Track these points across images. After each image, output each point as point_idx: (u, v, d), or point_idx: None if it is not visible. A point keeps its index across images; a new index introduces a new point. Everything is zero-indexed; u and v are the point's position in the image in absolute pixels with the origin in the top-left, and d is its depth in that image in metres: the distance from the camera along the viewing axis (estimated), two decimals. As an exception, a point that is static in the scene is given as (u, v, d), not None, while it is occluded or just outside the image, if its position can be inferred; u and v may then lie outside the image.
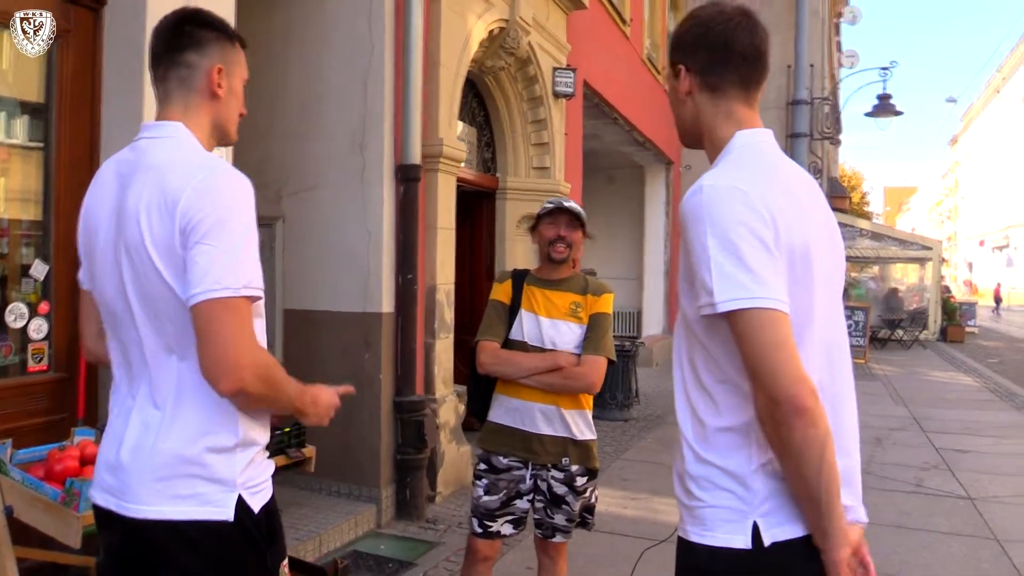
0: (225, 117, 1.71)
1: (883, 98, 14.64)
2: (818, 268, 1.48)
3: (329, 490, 5.06)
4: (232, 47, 1.72)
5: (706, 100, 1.61)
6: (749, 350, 1.35)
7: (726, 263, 1.36)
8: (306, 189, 5.23)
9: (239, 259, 1.48)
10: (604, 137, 11.77)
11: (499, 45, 6.49)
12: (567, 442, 2.98)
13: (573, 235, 3.03)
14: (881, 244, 19.76)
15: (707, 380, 1.49)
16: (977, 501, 5.79)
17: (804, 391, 1.32)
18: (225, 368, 1.45)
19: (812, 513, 1.40)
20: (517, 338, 3.01)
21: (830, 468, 1.36)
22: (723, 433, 1.46)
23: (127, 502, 1.54)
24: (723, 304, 1.36)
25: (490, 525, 3.00)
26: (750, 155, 1.54)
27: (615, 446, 7.32)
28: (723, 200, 1.41)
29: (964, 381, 12.81)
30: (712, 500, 1.46)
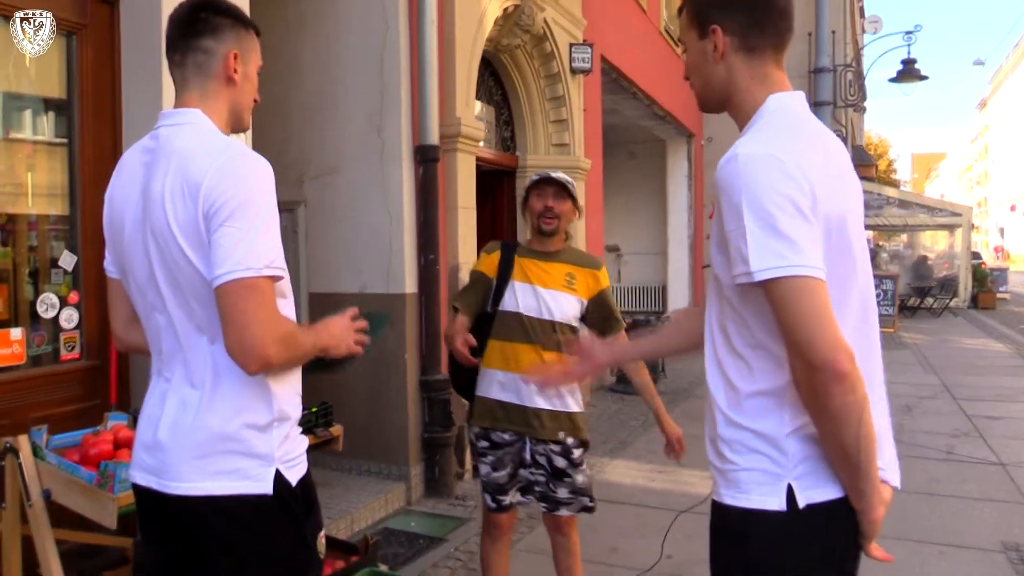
0: (241, 103, 1.74)
1: (907, 63, 14.36)
2: (854, 235, 1.47)
3: (359, 470, 5.14)
4: (247, 34, 1.75)
5: (741, 62, 1.54)
6: (786, 318, 1.34)
7: (762, 232, 1.34)
8: (326, 173, 5.27)
9: (260, 240, 1.51)
10: (624, 112, 11.69)
11: (514, 23, 6.47)
12: (562, 415, 2.97)
13: (562, 206, 2.99)
14: (909, 212, 19.49)
15: (740, 345, 1.49)
16: (1009, 467, 5.75)
17: (842, 357, 1.31)
18: (251, 350, 1.48)
19: (850, 476, 1.41)
20: (511, 309, 2.96)
21: (868, 431, 1.37)
22: (756, 397, 1.47)
23: (168, 480, 1.59)
24: (760, 273, 1.34)
25: (503, 499, 3.03)
26: (786, 120, 1.49)
27: (642, 420, 7.33)
28: (759, 168, 1.38)
29: (995, 348, 12.65)
30: (746, 463, 1.47)
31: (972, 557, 4.11)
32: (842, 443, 1.37)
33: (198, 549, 1.60)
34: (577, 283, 3.00)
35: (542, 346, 2.92)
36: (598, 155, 8.76)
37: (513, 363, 2.94)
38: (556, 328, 2.95)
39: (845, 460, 1.40)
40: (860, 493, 1.42)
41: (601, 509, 3.19)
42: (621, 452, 6.19)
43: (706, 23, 1.56)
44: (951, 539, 4.32)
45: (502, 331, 2.98)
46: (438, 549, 4.27)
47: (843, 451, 1.38)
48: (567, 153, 7.52)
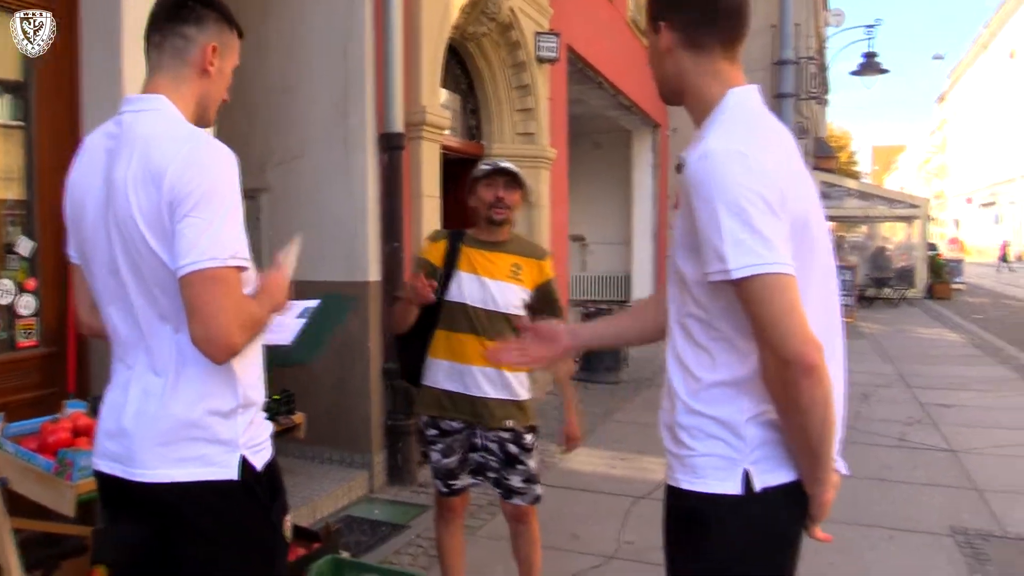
0: (211, 96, 1.75)
1: (869, 56, 14.61)
2: (816, 230, 1.51)
3: (321, 457, 5.13)
4: (230, 32, 1.77)
5: (688, 58, 1.58)
6: (760, 314, 1.37)
7: (738, 229, 1.37)
8: (290, 160, 5.23)
9: (225, 230, 1.51)
10: (589, 102, 11.72)
11: (480, 10, 6.46)
12: (510, 404, 2.99)
13: (512, 197, 2.98)
14: (869, 203, 19.83)
15: (703, 338, 1.52)
16: (959, 453, 5.91)
17: (812, 350, 1.36)
18: (217, 340, 1.49)
19: (809, 464, 1.47)
20: (456, 299, 2.96)
21: (832, 423, 1.43)
22: (716, 387, 1.51)
23: (134, 467, 1.59)
24: (737, 271, 1.36)
25: (454, 483, 3.05)
26: (746, 116, 1.53)
27: (604, 408, 7.42)
28: (731, 165, 1.40)
29: (950, 337, 12.96)
30: (704, 449, 1.51)
31: (921, 541, 4.23)
32: (808, 434, 1.42)
33: (166, 536, 1.61)
34: (523, 273, 3.02)
35: (487, 337, 2.93)
36: (563, 144, 8.79)
37: (459, 353, 2.96)
38: (503, 319, 2.97)
39: (808, 450, 1.45)
40: (816, 480, 1.48)
41: (562, 496, 3.24)
42: (583, 440, 6.25)
43: (656, 19, 1.61)
44: (901, 523, 4.44)
45: (448, 321, 2.98)
46: (400, 536, 4.29)
47: (808, 442, 1.44)
48: (533, 142, 7.54)
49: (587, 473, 5.37)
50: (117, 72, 3.20)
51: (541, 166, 7.58)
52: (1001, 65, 48.13)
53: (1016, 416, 7.23)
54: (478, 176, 3.02)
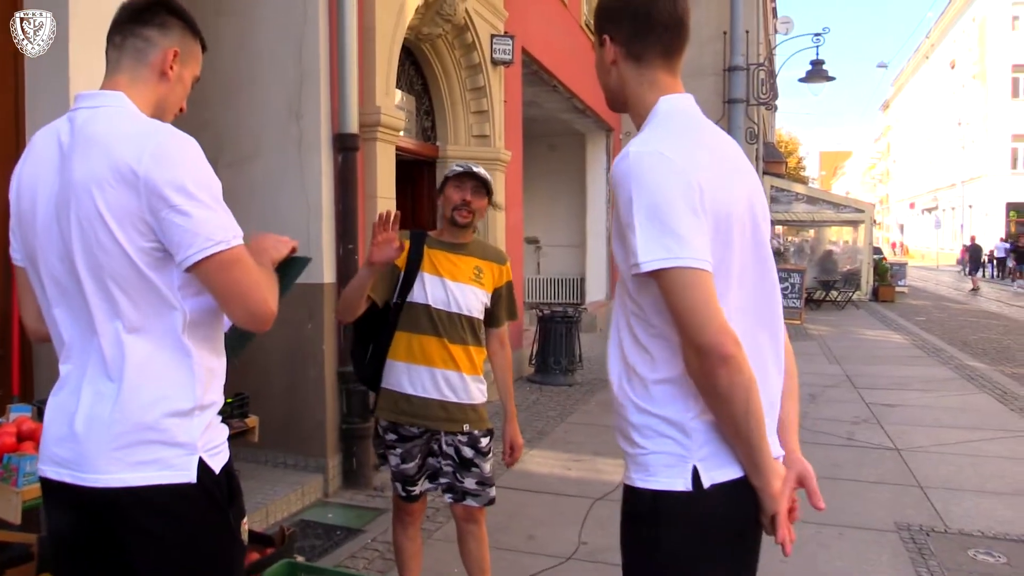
0: (168, 100, 1.72)
1: (816, 64, 14.90)
2: (740, 229, 1.56)
3: (275, 461, 5.06)
4: (193, 41, 1.75)
5: (630, 68, 1.66)
6: (675, 306, 1.44)
7: (650, 225, 1.44)
8: (243, 160, 5.15)
9: (218, 214, 1.53)
10: (544, 104, 11.79)
11: (436, 12, 6.45)
12: (467, 408, 3.00)
13: (479, 202, 3.00)
14: (816, 208, 20.27)
15: (641, 336, 1.57)
16: (903, 452, 6.07)
17: (727, 340, 1.42)
18: (259, 314, 1.57)
19: (744, 451, 1.51)
20: (419, 300, 2.94)
21: (756, 409, 1.47)
22: (660, 385, 1.54)
23: (84, 472, 1.54)
24: (647, 264, 1.44)
25: (412, 489, 3.04)
26: (674, 121, 1.60)
27: (559, 410, 7.45)
28: (649, 165, 1.47)
29: (894, 339, 13.29)
30: (653, 447, 1.54)
31: (869, 537, 4.34)
32: (733, 420, 1.47)
33: (119, 543, 1.57)
34: (484, 276, 3.04)
35: (449, 339, 2.94)
36: (518, 147, 8.83)
37: (420, 355, 2.94)
38: (465, 321, 2.98)
39: (737, 436, 1.49)
40: (756, 468, 1.51)
41: (518, 498, 3.25)
42: (538, 442, 6.28)
43: (601, 33, 1.70)
44: (850, 520, 4.54)
45: (409, 323, 2.96)
46: (355, 540, 4.25)
47: (735, 428, 1.48)
48: (487, 144, 7.55)
49: (543, 475, 5.39)
50: (63, 67, 3.12)
51: (496, 168, 7.59)
52: (942, 74, 49.56)
53: (956, 415, 7.45)
54: (449, 176, 3.03)
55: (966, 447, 6.25)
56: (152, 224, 1.51)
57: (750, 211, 1.60)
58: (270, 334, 5.27)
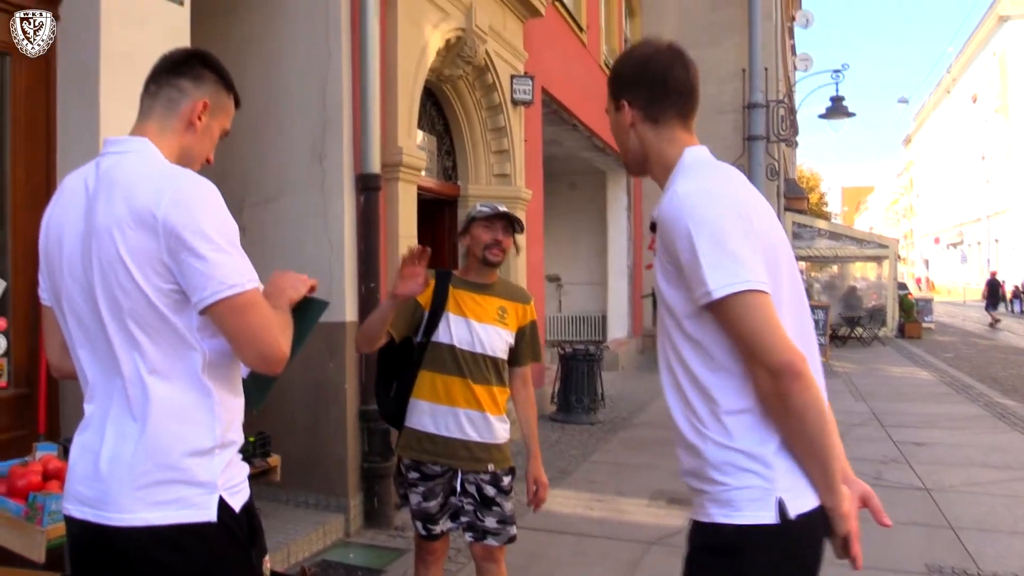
0: (194, 150, 1.76)
1: (836, 100, 14.95)
2: (783, 255, 1.64)
3: (296, 501, 5.06)
4: (227, 96, 1.82)
5: (648, 130, 1.76)
6: (744, 331, 1.49)
7: (713, 255, 1.50)
8: (267, 200, 5.23)
9: (232, 258, 1.56)
10: (564, 143, 11.88)
11: (456, 54, 6.55)
12: (491, 447, 2.99)
13: (508, 240, 3.03)
14: (839, 243, 20.15)
15: (704, 372, 1.59)
16: (933, 491, 5.94)
17: (797, 358, 1.47)
18: (270, 358, 1.58)
19: (818, 470, 1.54)
20: (444, 341, 2.95)
21: (830, 426, 1.52)
22: (734, 416, 1.56)
23: (108, 512, 1.56)
24: (718, 291, 1.49)
25: (433, 528, 3.01)
26: (705, 165, 1.70)
27: (581, 449, 7.39)
28: (701, 200, 1.56)
29: (921, 376, 13.10)
30: (737, 483, 1.55)
31: (899, 580, 4.24)
32: (810, 439, 1.50)
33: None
34: (508, 317, 3.05)
35: (474, 379, 2.95)
36: (539, 185, 8.88)
37: (444, 395, 2.95)
38: (489, 361, 2.99)
39: (813, 455, 1.52)
40: (829, 487, 1.54)
41: (541, 539, 3.22)
42: (561, 481, 6.22)
43: (618, 99, 1.80)
44: (879, 562, 4.44)
45: (434, 362, 2.97)
46: (376, 580, 4.22)
47: (810, 446, 1.51)
48: (508, 183, 7.61)
49: (565, 515, 5.33)
50: (94, 114, 3.20)
51: (517, 207, 7.63)
52: (964, 108, 49.43)
53: (987, 453, 7.30)
54: (477, 217, 3.03)
55: (998, 487, 6.11)
56: (170, 266, 1.54)
57: (783, 241, 1.69)
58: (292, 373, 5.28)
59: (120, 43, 3.25)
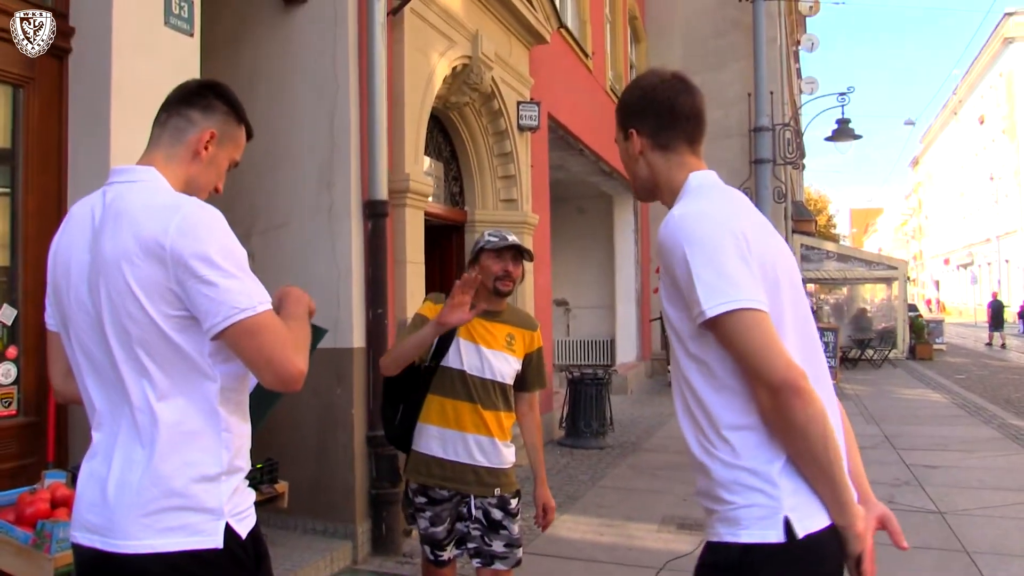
0: (199, 181, 1.78)
1: (842, 122, 14.97)
2: (784, 276, 1.64)
3: (304, 527, 5.04)
4: (236, 127, 1.84)
5: (658, 157, 1.80)
6: (741, 349, 1.50)
7: (707, 275, 1.52)
8: (275, 227, 5.27)
9: (244, 281, 1.56)
10: (571, 168, 11.94)
11: (463, 81, 6.61)
12: (499, 472, 3.01)
13: (518, 270, 3.05)
14: (848, 265, 20.10)
15: (708, 392, 1.60)
16: (947, 515, 5.88)
17: (797, 374, 1.47)
18: (285, 377, 1.57)
19: (827, 486, 1.52)
20: (454, 366, 2.98)
21: (834, 441, 1.51)
22: (737, 433, 1.57)
23: (115, 539, 1.56)
24: (711, 309, 1.51)
25: (441, 554, 3.02)
26: (708, 189, 1.73)
27: (591, 474, 7.35)
28: (696, 222, 1.59)
29: (933, 397, 13.00)
30: (744, 501, 1.55)
31: (912, 605, 4.18)
32: (813, 454, 1.49)
33: None
34: (516, 344, 3.08)
35: (483, 405, 2.97)
36: (545, 210, 8.91)
37: (453, 420, 2.97)
38: (497, 387, 3.02)
39: (819, 471, 1.51)
40: (840, 505, 1.53)
41: (549, 564, 3.21)
42: (570, 507, 6.18)
43: (626, 128, 1.84)
44: (892, 587, 4.39)
45: (442, 387, 2.99)
46: (385, 608, 4.20)
47: (815, 462, 1.50)
48: (515, 208, 7.64)
49: (574, 540, 5.30)
50: (105, 144, 3.24)
51: (524, 232, 7.66)
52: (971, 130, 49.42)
53: (1001, 476, 7.22)
54: (486, 247, 3.05)
55: (1013, 509, 6.04)
56: (179, 294, 1.56)
57: (789, 262, 1.70)
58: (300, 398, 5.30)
59: (130, 75, 3.30)
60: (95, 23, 3.30)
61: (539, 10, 7.84)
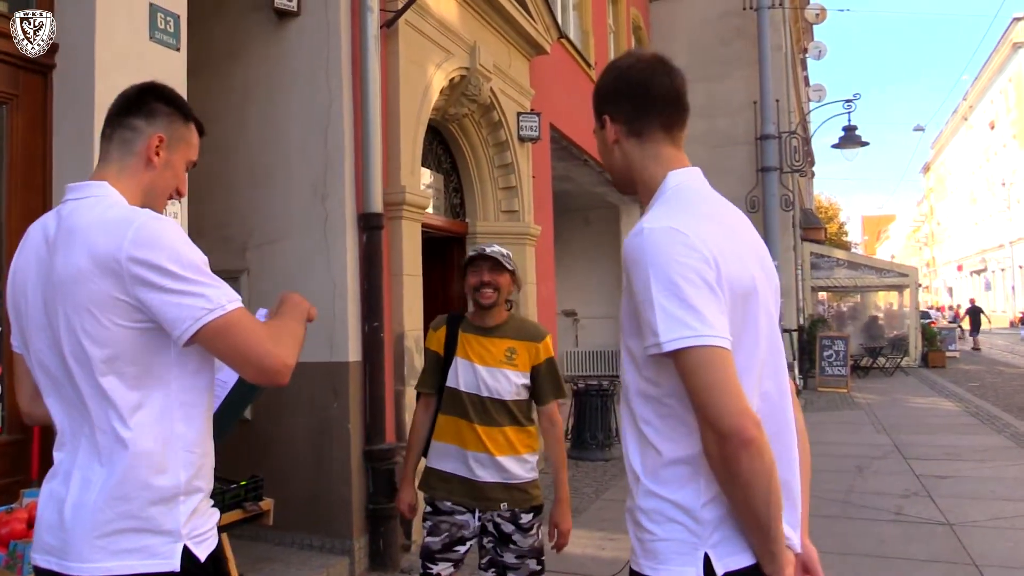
0: (156, 187, 1.75)
1: (848, 129, 14.92)
2: (760, 302, 1.53)
3: (301, 543, 4.99)
4: (184, 125, 1.78)
5: (633, 146, 1.66)
6: (695, 387, 1.38)
7: (669, 303, 1.39)
8: (270, 241, 5.25)
9: (205, 285, 1.54)
10: (577, 179, 11.91)
11: (461, 92, 6.59)
12: (505, 487, 3.00)
13: (499, 279, 3.02)
14: (858, 273, 19.92)
15: (653, 416, 1.51)
16: (956, 527, 5.77)
17: (748, 423, 1.36)
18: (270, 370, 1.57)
19: (759, 540, 1.43)
20: (452, 385, 3.06)
21: (776, 497, 1.40)
22: (672, 467, 1.48)
23: (70, 561, 1.54)
24: (668, 344, 1.39)
25: (431, 567, 3.03)
26: (685, 196, 1.58)
27: (595, 486, 7.28)
28: (664, 242, 1.44)
29: (945, 406, 12.83)
30: (663, 533, 1.48)
31: (918, 620, 4.09)
32: (753, 509, 1.40)
33: None
34: (518, 357, 3.04)
35: (480, 422, 2.99)
36: (548, 220, 8.87)
37: (455, 437, 3.03)
38: (498, 404, 3.01)
39: (755, 525, 1.42)
40: (771, 556, 1.44)
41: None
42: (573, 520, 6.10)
43: (600, 114, 1.71)
44: (898, 602, 4.31)
45: (448, 407, 3.07)
46: (380, 625, 4.14)
47: (754, 517, 1.41)
48: (516, 219, 7.60)
49: (576, 555, 5.22)
50: (89, 161, 3.21)
51: (526, 243, 7.62)
52: (982, 135, 49.14)
53: (1014, 487, 7.10)
54: (464, 263, 3.11)
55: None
56: (138, 307, 1.53)
57: (768, 276, 1.59)
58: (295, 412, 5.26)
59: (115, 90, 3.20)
60: (78, 38, 3.28)
61: (539, 21, 7.82)
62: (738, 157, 14.68)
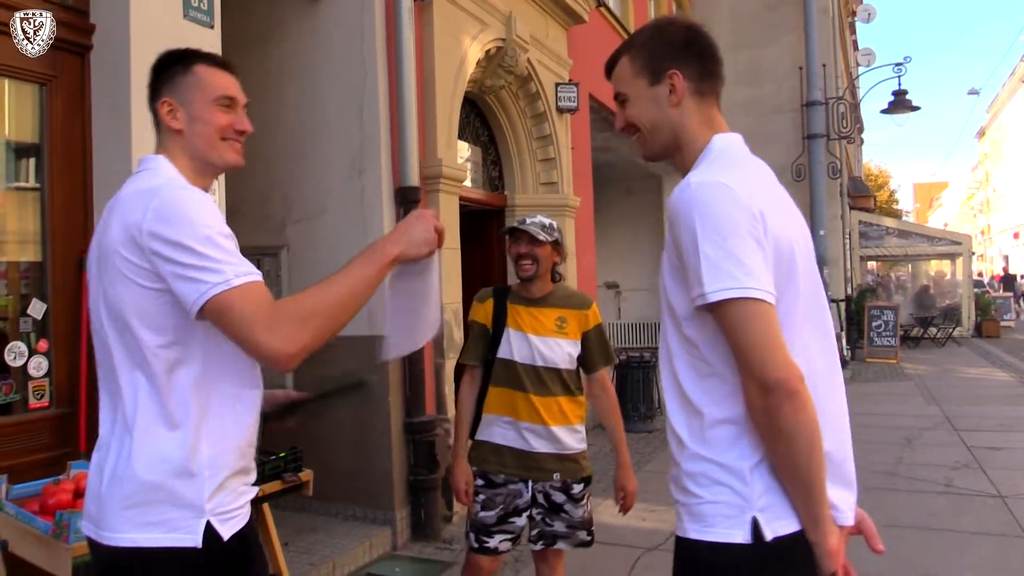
0: (196, 145, 1.72)
1: (898, 94, 14.45)
2: (801, 261, 1.52)
3: (344, 514, 5.07)
4: (184, 75, 1.73)
5: (694, 106, 1.63)
6: (738, 339, 1.39)
7: (716, 254, 1.39)
8: (308, 217, 5.29)
9: (217, 259, 1.50)
10: (618, 149, 11.76)
11: (497, 64, 6.53)
12: (558, 457, 3.01)
13: (538, 250, 3.00)
14: (909, 241, 19.47)
15: (696, 377, 1.51)
16: (1008, 499, 5.64)
17: (793, 376, 1.36)
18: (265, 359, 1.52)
19: (802, 499, 1.42)
20: (505, 356, 3.03)
21: (819, 454, 1.39)
22: (717, 428, 1.47)
23: (103, 530, 1.57)
24: (713, 294, 1.39)
25: (487, 541, 3.03)
26: (731, 157, 1.58)
27: (637, 458, 7.25)
28: (713, 195, 1.44)
29: (999, 377, 12.52)
30: (710, 496, 1.47)
31: (966, 593, 4.02)
32: (795, 463, 1.39)
33: None
34: (568, 326, 3.06)
35: (536, 392, 2.99)
36: (588, 192, 8.79)
37: (508, 408, 3.03)
38: (553, 373, 3.01)
39: (797, 481, 1.41)
40: (814, 520, 1.42)
41: (592, 550, 3.20)
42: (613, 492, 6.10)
43: (662, 69, 1.62)
44: (947, 573, 4.23)
45: (500, 378, 3.06)
46: (422, 595, 4.19)
47: (795, 472, 1.40)
48: (555, 191, 7.55)
49: (617, 526, 5.21)
50: (126, 138, 3.27)
51: (565, 215, 7.57)
52: (1041, 98, 47.41)
53: (1069, 458, 6.91)
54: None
55: (1079, 493, 5.77)
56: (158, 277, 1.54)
57: (806, 243, 1.57)
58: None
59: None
60: (114, 19, 3.32)
61: (576, -11, 7.70)
62: (784, 124, 14.34)
